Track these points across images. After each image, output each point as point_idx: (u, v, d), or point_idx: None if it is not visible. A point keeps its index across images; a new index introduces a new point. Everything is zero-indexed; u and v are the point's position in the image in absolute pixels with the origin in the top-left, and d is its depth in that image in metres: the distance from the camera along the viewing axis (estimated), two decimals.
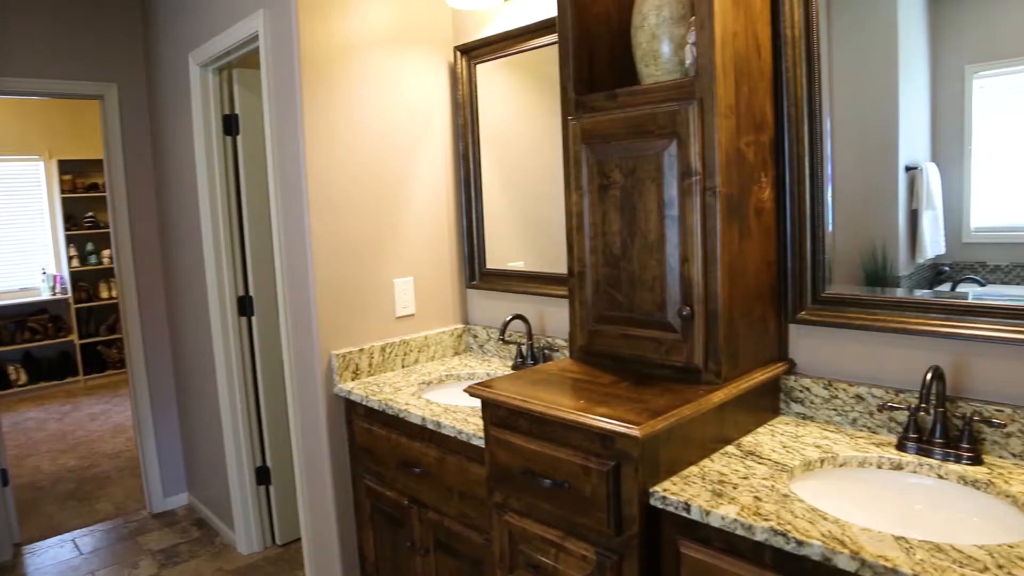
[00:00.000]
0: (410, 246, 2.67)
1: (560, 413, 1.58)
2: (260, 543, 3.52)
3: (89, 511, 4.18)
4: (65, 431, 5.79)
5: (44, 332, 7.13)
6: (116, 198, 3.89)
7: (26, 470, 4.91)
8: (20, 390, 6.92)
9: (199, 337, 3.64)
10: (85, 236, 7.36)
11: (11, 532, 3.75)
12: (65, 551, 3.72)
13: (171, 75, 3.56)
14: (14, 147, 7.03)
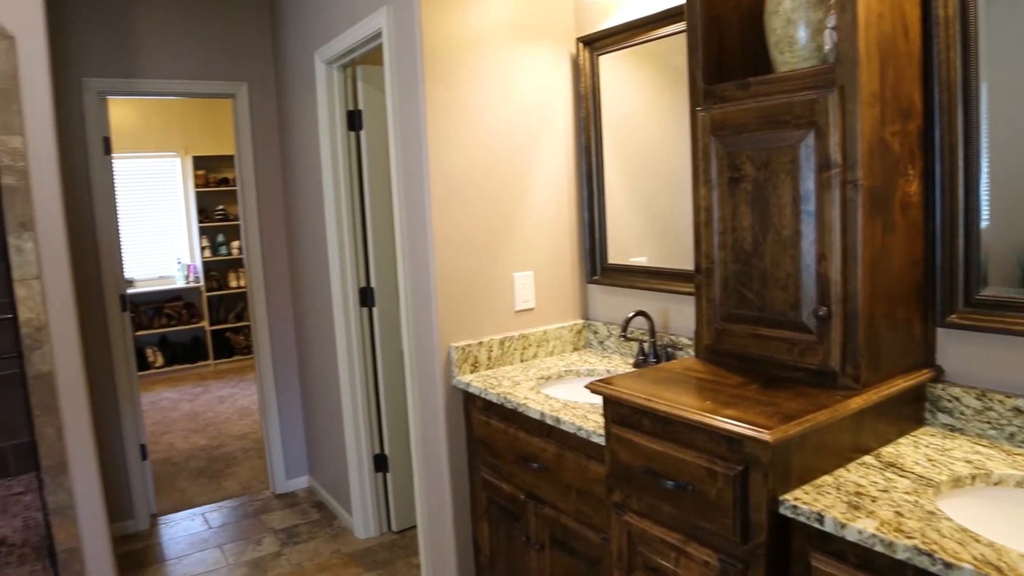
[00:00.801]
0: (530, 240, 2.67)
1: (685, 413, 1.53)
2: (376, 528, 3.62)
3: (217, 488, 4.42)
4: (196, 412, 6.14)
5: (179, 318, 7.59)
6: (246, 192, 4.08)
7: (162, 446, 5.23)
8: (156, 372, 7.40)
9: (322, 326, 3.77)
10: (216, 228, 7.78)
11: (148, 503, 4.00)
12: (195, 524, 3.94)
13: (298, 73, 3.70)
14: (155, 145, 7.51)
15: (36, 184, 2.72)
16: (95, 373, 3.64)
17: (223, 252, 7.80)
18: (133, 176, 7.43)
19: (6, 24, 2.65)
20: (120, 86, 3.74)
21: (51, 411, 2.79)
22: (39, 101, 2.72)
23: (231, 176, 7.68)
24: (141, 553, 3.64)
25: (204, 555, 3.57)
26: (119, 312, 3.79)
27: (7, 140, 2.67)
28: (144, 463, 3.96)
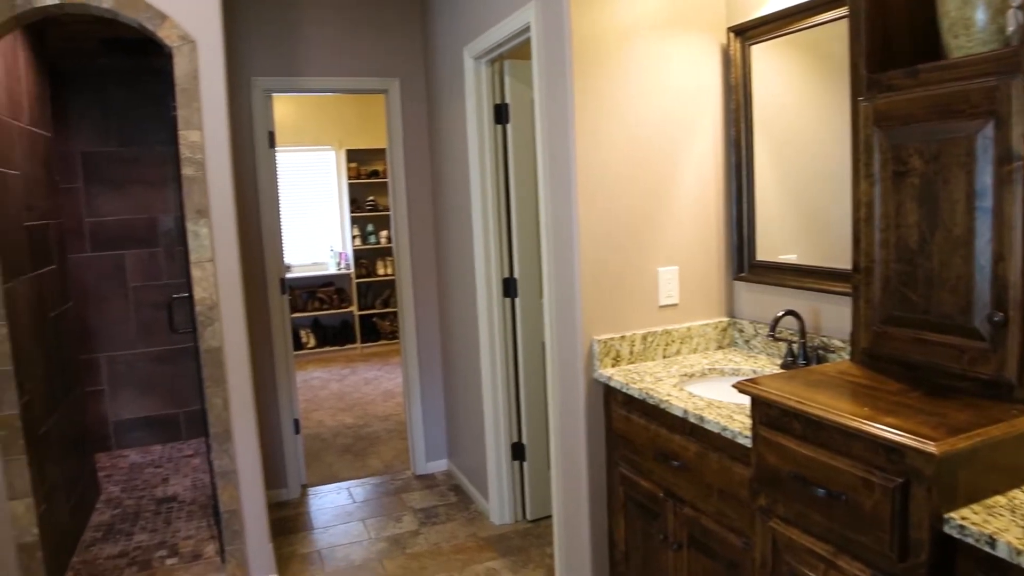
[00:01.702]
0: (676, 235, 2.62)
1: (841, 419, 1.46)
2: (511, 515, 3.69)
3: (362, 465, 4.64)
4: (344, 392, 6.46)
5: (330, 302, 8.01)
6: (396, 184, 4.24)
7: (312, 422, 5.55)
8: (309, 352, 7.85)
9: (465, 315, 3.87)
10: (366, 218, 8.14)
11: (300, 474, 4.26)
12: (341, 497, 4.15)
13: (447, 69, 3.80)
14: (311, 139, 7.95)
15: (211, 175, 2.95)
16: (257, 350, 3.91)
17: (372, 241, 8.16)
18: (292, 168, 7.90)
19: (189, 30, 2.89)
20: (284, 84, 3.99)
21: (219, 383, 3.02)
22: (215, 99, 2.95)
23: (381, 168, 8.01)
24: (292, 520, 3.88)
25: (348, 527, 3.77)
26: (279, 295, 4.05)
27: (188, 134, 2.91)
28: (297, 437, 4.22)
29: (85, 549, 3.50)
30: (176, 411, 5.16)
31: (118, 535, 3.65)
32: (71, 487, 3.56)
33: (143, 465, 4.72)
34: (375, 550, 3.50)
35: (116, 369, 5.01)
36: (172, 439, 5.16)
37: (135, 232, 4.98)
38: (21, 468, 2.85)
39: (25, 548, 2.89)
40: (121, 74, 4.89)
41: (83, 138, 4.86)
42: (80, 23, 3.76)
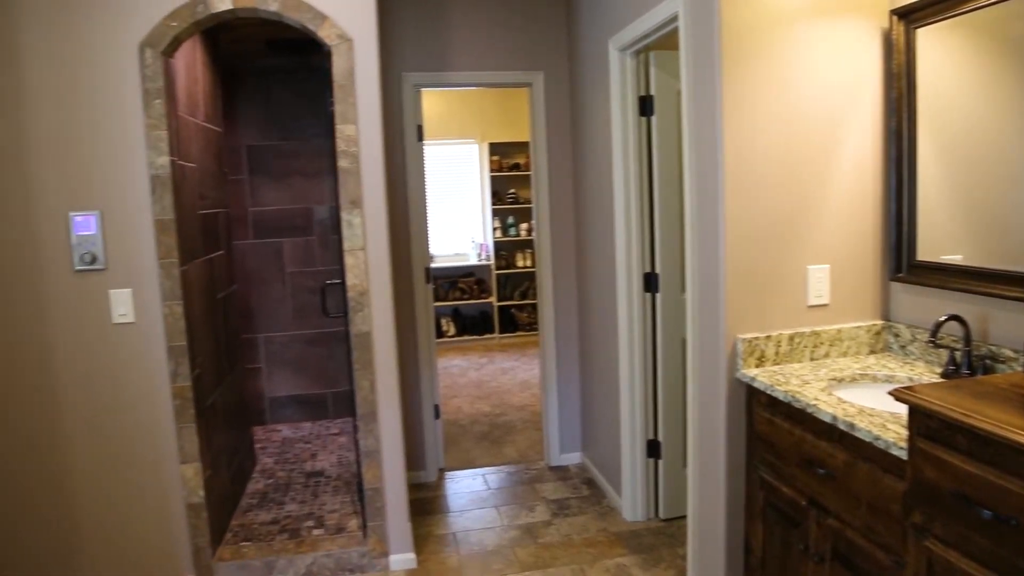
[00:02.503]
0: (827, 231, 2.50)
1: (1014, 435, 1.35)
2: (644, 513, 3.65)
3: (497, 453, 4.73)
4: (482, 380, 6.61)
5: (470, 292, 8.21)
6: (538, 177, 4.28)
7: (450, 409, 5.71)
8: (448, 340, 8.08)
9: (605, 309, 3.86)
10: (507, 210, 8.27)
11: (438, 458, 4.40)
12: (476, 483, 4.25)
13: (591, 61, 3.79)
14: (455, 132, 8.15)
15: (365, 167, 3.09)
16: (402, 337, 4.06)
17: (512, 233, 8.28)
18: (437, 161, 8.13)
19: (347, 29, 3.03)
20: (433, 79, 4.11)
21: (367, 366, 3.16)
22: (370, 94, 3.08)
23: (523, 161, 8.11)
24: (429, 502, 4.02)
25: (482, 512, 3.86)
26: (424, 284, 4.19)
27: (344, 128, 3.06)
28: (436, 422, 4.35)
29: (242, 513, 3.77)
30: (324, 391, 5.45)
31: (271, 503, 3.90)
32: (232, 456, 3.85)
33: (294, 440, 5.02)
34: (507, 537, 3.56)
35: (272, 349, 5.36)
36: (320, 417, 5.46)
37: (292, 221, 5.30)
38: (191, 435, 3.11)
39: (192, 508, 3.15)
40: (283, 73, 5.20)
41: (248, 133, 5.21)
42: (248, 26, 4.03)
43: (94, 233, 2.97)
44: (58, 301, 3.00)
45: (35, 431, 3.04)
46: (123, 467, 3.11)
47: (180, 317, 3.04)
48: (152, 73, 2.95)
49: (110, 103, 2.95)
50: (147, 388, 3.07)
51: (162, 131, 2.96)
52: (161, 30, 2.93)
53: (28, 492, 3.08)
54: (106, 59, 2.93)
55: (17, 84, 2.90)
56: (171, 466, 3.12)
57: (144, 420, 3.09)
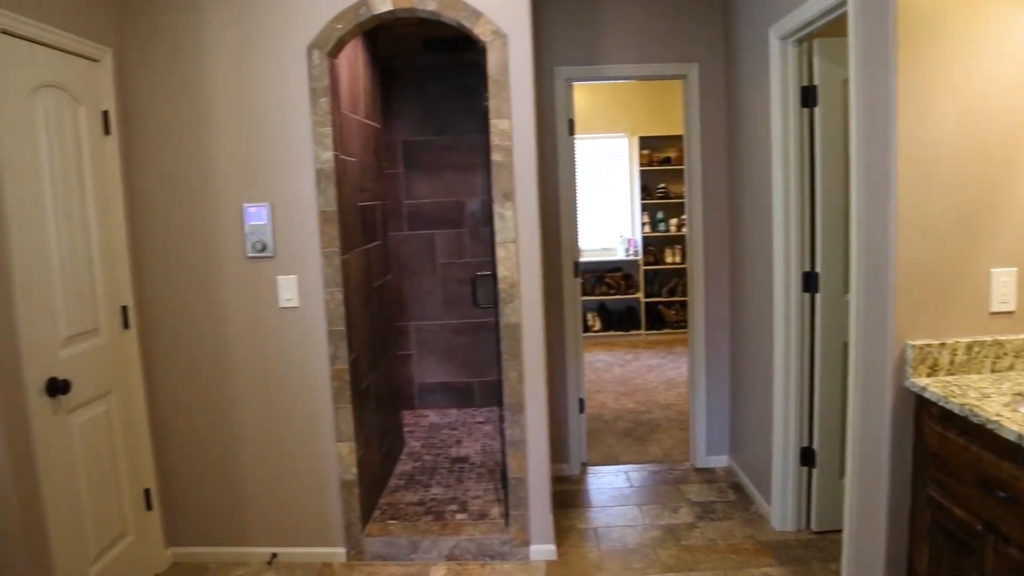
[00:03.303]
0: (1016, 231, 2.27)
1: None
2: (794, 523, 3.48)
3: (640, 451, 4.66)
4: (626, 376, 6.54)
5: (617, 288, 8.14)
6: (691, 171, 4.17)
7: (594, 404, 5.69)
8: (594, 335, 8.05)
9: (759, 308, 3.71)
10: (656, 205, 8.13)
11: (581, 452, 4.40)
12: (618, 480, 4.22)
13: (749, 51, 3.64)
14: (604, 126, 8.10)
15: (518, 161, 3.13)
16: (549, 329, 4.09)
17: (661, 229, 8.13)
18: (586, 155, 8.11)
19: (501, 25, 3.07)
20: (585, 73, 4.10)
21: (515, 357, 3.21)
22: (523, 89, 3.11)
23: (673, 155, 7.94)
24: (571, 495, 4.03)
25: (624, 510, 3.82)
26: (572, 277, 4.20)
27: (498, 123, 3.10)
28: (580, 416, 4.35)
29: (390, 493, 3.93)
30: (471, 380, 5.58)
31: (417, 485, 4.04)
32: (383, 437, 4.02)
33: (440, 426, 5.18)
34: (649, 536, 3.51)
35: (423, 337, 5.55)
36: (466, 405, 5.60)
37: (445, 214, 5.45)
38: (347, 415, 3.27)
39: (346, 484, 3.32)
40: (437, 70, 5.35)
41: (404, 128, 5.41)
42: (406, 26, 4.17)
43: (265, 223, 3.19)
44: (233, 285, 3.25)
45: (214, 397, 3.33)
46: (284, 439, 3.33)
47: (340, 303, 3.21)
48: (318, 73, 3.11)
49: (280, 101, 3.15)
50: (308, 369, 3.27)
51: (327, 128, 3.13)
52: (327, 32, 3.09)
53: (209, 452, 3.38)
54: (277, 60, 3.13)
55: (201, 81, 3.16)
56: (327, 443, 3.31)
57: (304, 398, 3.29)
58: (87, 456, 2.90)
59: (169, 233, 3.25)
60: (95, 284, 3.01)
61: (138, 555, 3.23)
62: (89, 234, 2.99)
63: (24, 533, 2.52)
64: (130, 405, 3.22)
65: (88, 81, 3.00)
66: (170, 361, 3.32)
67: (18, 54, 2.60)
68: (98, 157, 3.06)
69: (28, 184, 2.63)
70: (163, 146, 3.21)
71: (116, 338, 3.15)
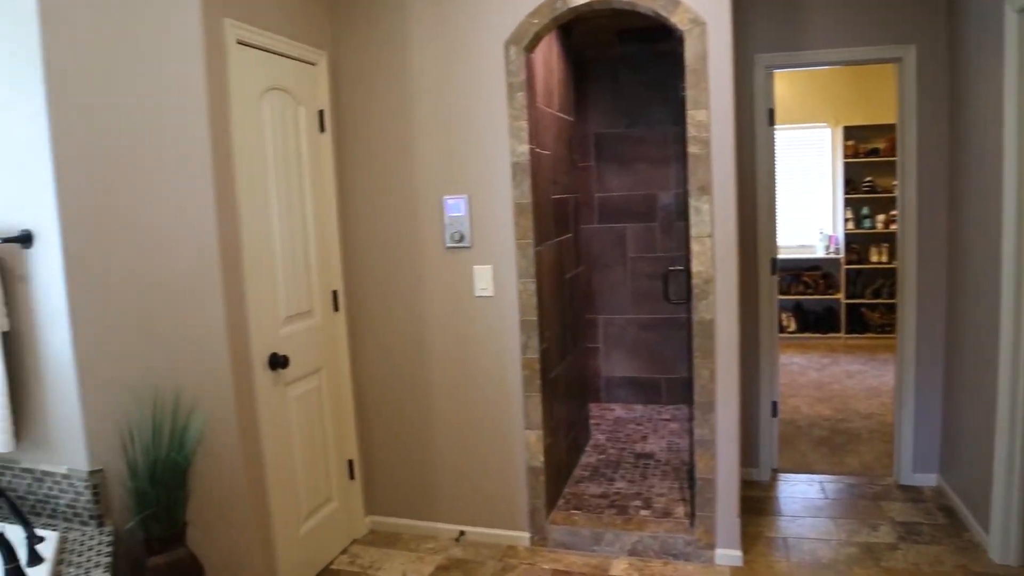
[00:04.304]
0: None
1: None
2: (1018, 556, 3.13)
3: (837, 461, 4.39)
4: (823, 381, 6.18)
5: (815, 287, 7.70)
6: (906, 163, 3.85)
7: (787, 408, 5.42)
8: (788, 336, 7.67)
9: (983, 315, 3.36)
10: (861, 200, 7.58)
11: (771, 457, 4.21)
12: (812, 490, 3.99)
13: (977, 28, 3.28)
14: (805, 116, 7.65)
15: (715, 153, 3.04)
16: (743, 328, 3.95)
17: (866, 225, 7.58)
18: (784, 146, 7.72)
19: (700, 13, 2.99)
20: (786, 59, 3.90)
21: (707, 355, 3.13)
22: (722, 79, 3.01)
23: (881, 147, 7.36)
24: (759, 501, 3.87)
25: (816, 522, 3.61)
26: (768, 275, 4.02)
27: (695, 114, 3.03)
28: (773, 420, 4.17)
29: (575, 483, 3.98)
30: (658, 376, 5.51)
31: (601, 478, 4.05)
32: (569, 428, 4.07)
33: (626, 420, 5.16)
34: (844, 553, 3.30)
35: (611, 331, 5.55)
36: (652, 401, 5.54)
37: (635, 207, 5.41)
38: (536, 404, 3.35)
39: (532, 471, 3.40)
40: (630, 61, 5.31)
41: (597, 121, 5.42)
42: (600, 17, 4.17)
43: (462, 215, 3.32)
44: (432, 273, 3.43)
45: (412, 378, 3.55)
46: (475, 422, 3.47)
47: (532, 294, 3.28)
48: (515, 68, 3.19)
49: (478, 97, 3.27)
50: (500, 356, 3.38)
51: (523, 121, 3.20)
52: (524, 27, 3.16)
53: (406, 429, 3.61)
54: (476, 57, 3.25)
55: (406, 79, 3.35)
56: (516, 429, 3.40)
57: (496, 384, 3.40)
58: (300, 426, 3.18)
59: (375, 223, 3.48)
60: (310, 270, 3.29)
61: (340, 520, 3.50)
62: (306, 224, 3.27)
63: (249, 488, 2.81)
64: (338, 382, 3.49)
65: (307, 83, 3.28)
66: (374, 343, 3.56)
67: (251, 61, 2.89)
68: (314, 153, 3.33)
69: (256, 179, 2.92)
70: (371, 142, 3.44)
71: (327, 320, 3.42)
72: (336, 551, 3.46)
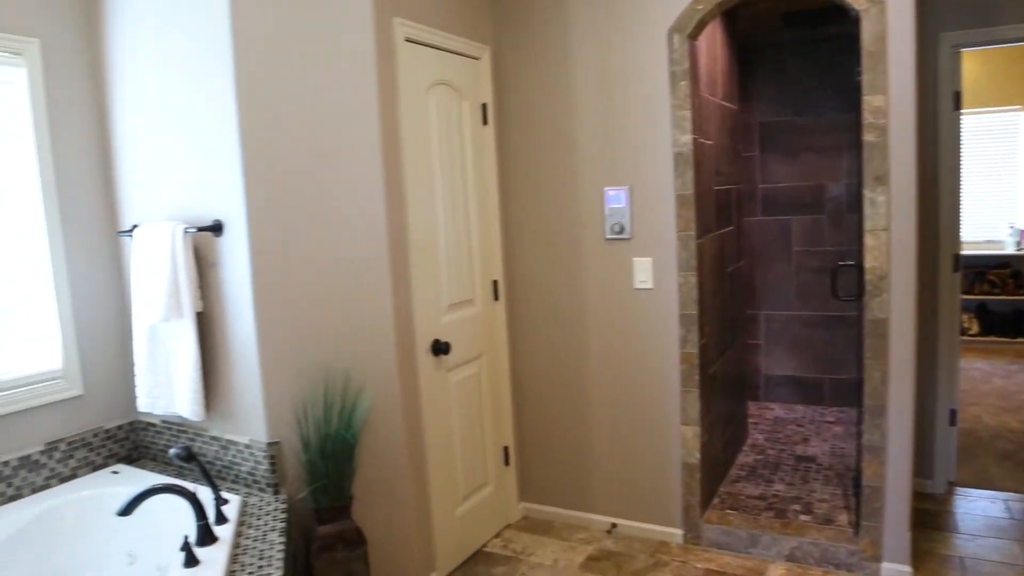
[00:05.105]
0: None
1: None
2: None
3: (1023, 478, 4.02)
4: (1009, 390, 5.65)
5: (1002, 287, 7.04)
6: None
7: (967, 416, 5.01)
8: (970, 339, 7.06)
9: None
10: None
11: (948, 469, 3.90)
12: (995, 508, 3.67)
13: None
14: (994, 99, 6.98)
15: (893, 140, 2.85)
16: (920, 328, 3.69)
17: None
18: (972, 133, 7.09)
19: None
20: (975, 37, 3.57)
21: (880, 356, 2.95)
22: (903, 61, 2.81)
23: None
24: (933, 515, 3.60)
25: (999, 543, 3.32)
26: (950, 272, 3.73)
27: (871, 99, 2.86)
28: (951, 429, 3.87)
29: (730, 483, 3.87)
30: (822, 376, 5.25)
31: (758, 479, 3.92)
32: (726, 425, 3.96)
33: (786, 421, 4.95)
34: None
35: (772, 327, 5.34)
36: (814, 402, 5.29)
37: (802, 198, 5.17)
38: (693, 400, 3.29)
39: (688, 467, 3.34)
40: (796, 46, 5.06)
41: (761, 109, 5.22)
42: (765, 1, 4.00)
43: (623, 206, 3.31)
44: (591, 264, 3.44)
45: (568, 369, 3.59)
46: (630, 415, 3.46)
47: (693, 287, 3.22)
48: (679, 56, 3.13)
49: (640, 87, 3.24)
50: (658, 350, 3.34)
51: (686, 111, 3.14)
52: (688, 14, 3.09)
53: (560, 419, 3.66)
54: (638, 46, 3.22)
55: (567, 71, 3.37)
56: (672, 424, 3.35)
57: (652, 378, 3.37)
58: (460, 411, 3.29)
59: (535, 215, 3.54)
60: (472, 259, 3.39)
61: (495, 504, 3.59)
62: (468, 215, 3.37)
63: (411, 468, 2.95)
64: (496, 370, 3.58)
65: (470, 77, 3.37)
66: (532, 332, 3.63)
67: (419, 58, 3.01)
68: (477, 146, 3.42)
69: (422, 171, 3.05)
70: (532, 134, 3.49)
71: (487, 308, 3.51)
72: (489, 535, 3.56)
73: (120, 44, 2.95)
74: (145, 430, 3.15)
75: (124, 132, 3.01)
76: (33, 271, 2.89)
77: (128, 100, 2.97)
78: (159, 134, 2.89)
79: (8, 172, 2.82)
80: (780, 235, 5.24)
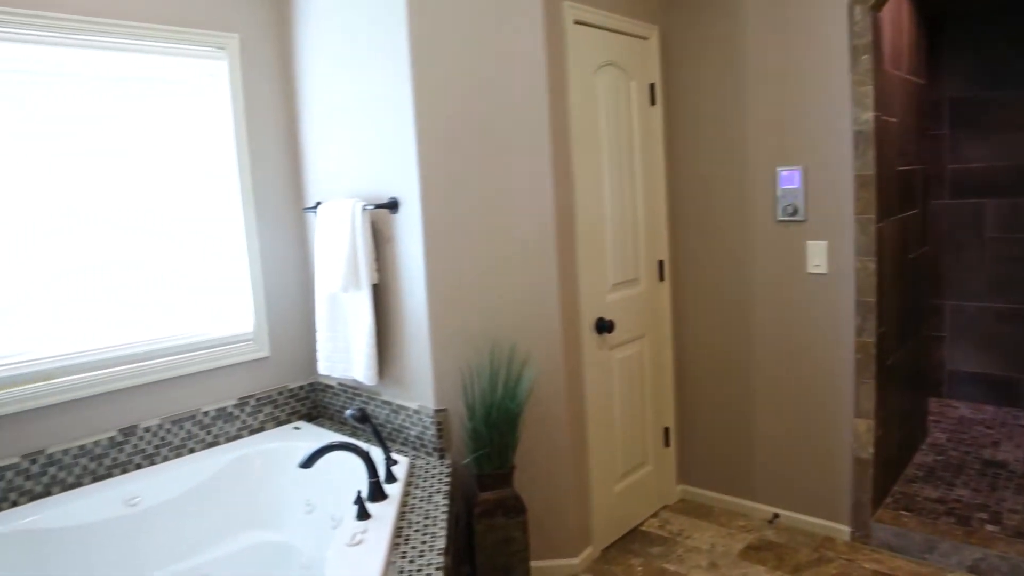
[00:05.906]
0: None
1: None
2: None
3: None
4: None
5: None
6: None
7: None
8: None
9: None
10: None
11: None
12: None
13: None
14: None
15: None
16: None
17: None
18: None
19: None
20: None
21: None
22: None
23: None
24: None
25: None
26: None
27: None
28: None
29: (906, 482, 3.64)
30: (1017, 375, 4.80)
31: (938, 481, 3.66)
32: (903, 421, 3.72)
33: (972, 421, 4.58)
34: None
35: (959, 320, 4.93)
36: (1008, 403, 4.84)
37: (999, 180, 4.72)
38: (869, 391, 3.11)
39: (860, 462, 3.18)
40: (992, 15, 4.59)
41: (951, 83, 4.79)
42: None
43: (797, 187, 3.17)
44: (760, 247, 3.33)
45: (733, 353, 3.51)
46: (798, 404, 3.33)
47: (872, 273, 3.04)
48: (860, 29, 2.95)
49: (817, 62, 3.08)
50: (831, 338, 3.19)
51: (867, 87, 2.96)
52: None
53: (724, 403, 3.59)
54: (816, 18, 3.06)
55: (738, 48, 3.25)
56: (844, 416, 3.20)
57: (823, 367, 3.23)
58: (621, 389, 3.30)
59: (703, 195, 3.47)
60: (638, 239, 3.38)
61: (653, 484, 3.58)
62: (635, 195, 3.36)
63: (572, 441, 3.00)
64: (659, 350, 3.56)
65: (638, 57, 3.34)
66: (696, 314, 3.57)
67: (588, 40, 3.02)
68: (644, 126, 3.39)
69: (590, 151, 3.06)
70: (701, 114, 3.41)
71: (652, 289, 3.49)
72: (646, 514, 3.55)
73: (307, 39, 3.18)
74: (324, 391, 3.41)
75: (310, 118, 3.24)
76: (230, 244, 3.19)
77: (314, 90, 3.19)
78: (341, 121, 3.08)
79: (210, 155, 3.12)
80: (972, 220, 4.81)
